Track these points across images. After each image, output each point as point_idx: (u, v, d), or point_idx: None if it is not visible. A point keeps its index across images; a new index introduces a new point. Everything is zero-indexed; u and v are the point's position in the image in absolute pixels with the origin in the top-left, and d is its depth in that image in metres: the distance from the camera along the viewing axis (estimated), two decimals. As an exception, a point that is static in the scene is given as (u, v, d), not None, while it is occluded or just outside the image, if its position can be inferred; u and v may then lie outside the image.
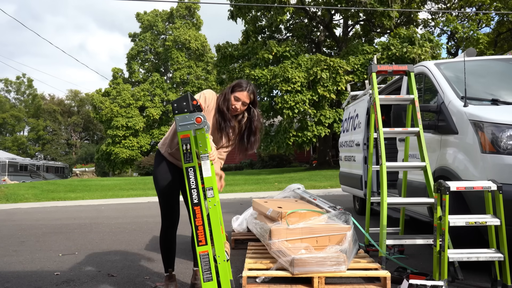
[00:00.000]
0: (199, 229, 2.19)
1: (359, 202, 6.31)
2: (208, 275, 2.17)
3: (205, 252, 2.18)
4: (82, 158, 47.26)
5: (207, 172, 2.21)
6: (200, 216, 2.19)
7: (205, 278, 2.17)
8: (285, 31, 20.99)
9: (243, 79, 2.82)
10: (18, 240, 5.21)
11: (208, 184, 2.21)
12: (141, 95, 32.95)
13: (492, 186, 2.61)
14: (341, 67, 15.80)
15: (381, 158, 3.21)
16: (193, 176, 2.21)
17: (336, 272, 2.71)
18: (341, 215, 3.26)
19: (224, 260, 2.20)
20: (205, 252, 2.18)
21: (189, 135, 2.21)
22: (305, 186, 4.95)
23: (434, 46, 16.51)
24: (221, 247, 2.20)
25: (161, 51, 36.95)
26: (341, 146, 6.90)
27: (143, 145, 32.35)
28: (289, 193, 4.35)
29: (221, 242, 2.21)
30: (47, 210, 8.92)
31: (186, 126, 2.21)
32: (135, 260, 3.89)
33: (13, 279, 3.38)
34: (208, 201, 2.22)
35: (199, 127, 2.20)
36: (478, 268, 3.07)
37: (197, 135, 2.22)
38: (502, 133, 2.84)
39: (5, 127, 52.14)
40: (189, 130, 2.21)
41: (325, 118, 16.23)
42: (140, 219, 6.77)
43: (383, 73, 3.55)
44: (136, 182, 17.09)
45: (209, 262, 2.18)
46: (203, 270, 2.16)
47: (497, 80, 3.80)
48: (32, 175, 30.87)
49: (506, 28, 21.56)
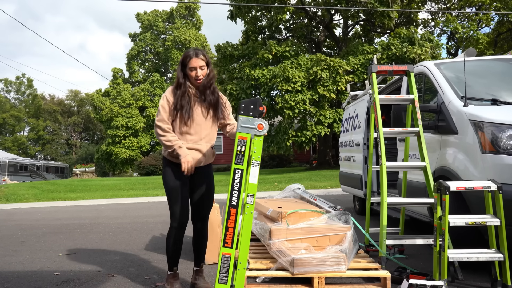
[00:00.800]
0: (229, 231, 2.21)
1: (359, 202, 6.31)
2: (224, 278, 2.18)
3: (228, 255, 2.20)
4: (82, 158, 47.28)
5: (253, 178, 2.26)
6: (234, 218, 2.22)
7: (220, 280, 2.18)
8: (285, 31, 21.00)
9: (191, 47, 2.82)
10: (18, 240, 5.21)
11: (251, 191, 2.25)
12: (141, 95, 32.96)
13: (492, 186, 2.61)
14: (341, 67, 15.80)
15: (381, 158, 3.21)
16: (239, 179, 2.25)
17: (336, 272, 2.71)
18: (341, 215, 3.26)
19: (244, 268, 2.20)
20: (228, 255, 2.20)
21: (247, 138, 2.27)
22: (305, 186, 4.95)
23: (434, 46, 16.52)
24: (245, 255, 2.22)
25: (161, 51, 36.96)
26: (341, 146, 6.90)
27: (143, 145, 32.35)
28: (289, 193, 4.35)
29: (246, 250, 2.22)
30: (47, 210, 8.92)
31: (246, 129, 2.27)
32: (135, 260, 3.89)
33: (13, 279, 3.38)
34: (246, 207, 2.24)
35: (259, 133, 2.28)
36: (478, 268, 3.07)
37: (254, 141, 2.28)
38: (502, 133, 2.84)
39: (5, 127, 52.15)
40: (249, 134, 2.27)
41: (325, 118, 16.24)
42: (140, 219, 6.77)
43: (383, 73, 3.55)
44: (136, 182, 17.09)
45: (229, 265, 2.20)
46: (221, 271, 2.18)
47: (497, 80, 3.80)
48: (32, 175, 30.86)
49: (506, 28, 21.56)
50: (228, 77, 18.59)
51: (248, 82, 16.86)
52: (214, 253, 3.55)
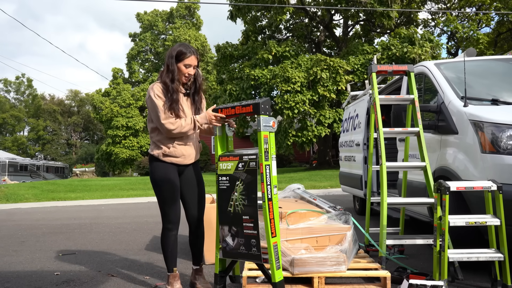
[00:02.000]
0: (272, 222, 2.39)
1: (359, 202, 6.31)
2: (278, 264, 2.39)
3: (276, 243, 2.39)
4: (82, 158, 47.27)
5: (274, 171, 2.45)
6: (272, 210, 2.40)
7: (277, 266, 2.38)
8: (285, 31, 21.00)
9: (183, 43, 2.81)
10: (18, 240, 5.21)
11: (275, 182, 2.43)
12: (141, 95, 32.95)
13: (492, 186, 2.61)
14: (341, 67, 15.80)
15: (381, 158, 3.21)
16: (269, 174, 2.40)
17: (336, 272, 2.71)
18: (341, 215, 3.26)
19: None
20: (275, 243, 2.38)
21: (268, 135, 2.44)
22: (305, 186, 4.95)
23: (434, 46, 16.52)
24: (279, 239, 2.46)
25: (161, 51, 36.96)
26: (341, 146, 6.90)
27: (143, 145, 32.36)
28: (289, 193, 4.35)
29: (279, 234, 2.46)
30: (47, 210, 8.92)
31: (267, 127, 2.44)
32: (135, 260, 3.89)
33: (13, 279, 3.38)
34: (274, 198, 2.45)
35: (273, 130, 2.49)
36: (478, 268, 3.07)
37: (270, 138, 2.46)
38: (502, 133, 2.84)
39: (5, 127, 52.15)
40: (268, 132, 2.45)
41: (325, 118, 16.23)
42: (140, 219, 6.77)
43: (383, 73, 3.55)
44: (136, 182, 17.09)
45: (278, 252, 2.39)
46: (275, 259, 2.36)
47: (497, 80, 3.79)
48: (32, 175, 30.85)
49: (506, 28, 21.56)
50: (228, 77, 18.59)
51: (248, 82, 16.86)
52: (214, 253, 3.54)
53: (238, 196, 2.50)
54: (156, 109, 2.64)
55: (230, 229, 2.54)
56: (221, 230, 2.60)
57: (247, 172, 2.46)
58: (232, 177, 2.53)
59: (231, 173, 2.54)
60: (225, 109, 2.65)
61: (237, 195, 2.50)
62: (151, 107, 2.68)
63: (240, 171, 2.50)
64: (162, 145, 2.72)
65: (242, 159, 2.50)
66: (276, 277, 2.36)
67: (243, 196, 2.47)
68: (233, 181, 2.52)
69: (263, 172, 2.37)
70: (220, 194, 2.59)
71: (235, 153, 2.59)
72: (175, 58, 2.69)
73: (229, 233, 2.55)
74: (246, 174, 2.47)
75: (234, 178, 2.52)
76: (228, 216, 2.55)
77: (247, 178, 2.46)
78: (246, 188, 2.46)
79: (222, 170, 2.59)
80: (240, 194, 2.49)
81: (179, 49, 2.71)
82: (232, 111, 2.60)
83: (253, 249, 2.45)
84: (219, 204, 2.61)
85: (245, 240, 2.47)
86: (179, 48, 2.72)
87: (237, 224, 2.50)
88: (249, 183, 2.45)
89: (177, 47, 2.73)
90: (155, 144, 2.76)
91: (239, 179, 2.49)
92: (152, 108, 2.67)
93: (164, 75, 2.70)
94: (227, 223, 2.55)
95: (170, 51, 2.72)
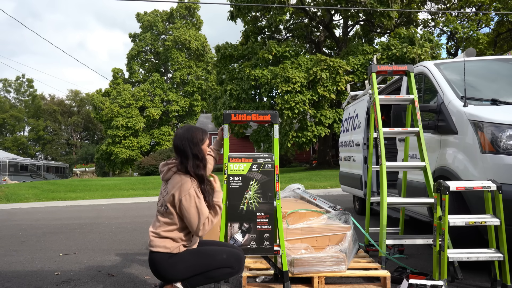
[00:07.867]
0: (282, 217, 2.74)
1: (359, 202, 6.31)
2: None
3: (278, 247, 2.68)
4: (82, 158, 47.29)
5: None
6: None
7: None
8: (285, 31, 20.99)
9: (189, 125, 2.49)
10: (19, 240, 5.21)
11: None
12: (141, 95, 33.00)
13: (492, 186, 2.62)
14: (341, 67, 15.80)
15: (381, 158, 3.21)
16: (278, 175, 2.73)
17: (336, 272, 2.71)
18: (341, 215, 3.27)
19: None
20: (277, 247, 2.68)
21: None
22: (305, 186, 4.95)
23: (434, 46, 16.52)
24: (283, 241, 2.67)
25: (161, 51, 36.98)
26: (341, 146, 6.91)
27: (143, 145, 32.39)
28: (289, 193, 4.36)
29: (282, 237, 2.67)
30: (47, 210, 8.92)
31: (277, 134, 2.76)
32: (135, 260, 3.90)
33: (13, 278, 3.38)
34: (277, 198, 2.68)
35: (277, 136, 2.81)
36: (478, 268, 3.07)
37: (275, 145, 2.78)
38: (502, 133, 2.85)
39: (5, 127, 52.16)
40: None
41: (325, 118, 16.23)
42: (140, 219, 6.77)
43: (383, 73, 3.55)
44: (136, 182, 17.09)
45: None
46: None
47: (497, 80, 3.80)
48: (33, 175, 30.85)
49: (505, 28, 21.55)
50: (228, 78, 18.59)
51: (248, 82, 16.86)
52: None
53: (253, 194, 2.64)
54: (198, 213, 2.31)
55: (241, 225, 2.63)
56: (230, 228, 2.64)
57: (262, 173, 2.67)
58: (246, 177, 2.68)
59: (244, 174, 2.67)
60: (240, 115, 2.82)
61: (252, 194, 2.64)
62: (191, 210, 2.30)
63: (254, 171, 2.68)
64: (181, 239, 2.39)
65: (256, 161, 2.70)
66: (286, 266, 2.64)
67: (258, 194, 2.64)
68: (247, 181, 2.67)
69: (278, 174, 2.67)
70: (231, 193, 2.66)
71: (247, 155, 2.73)
72: (201, 142, 2.44)
73: (239, 229, 2.63)
74: (261, 174, 2.67)
75: (248, 178, 2.67)
76: (239, 213, 2.64)
77: (262, 178, 2.67)
78: (261, 187, 2.66)
79: (233, 170, 2.69)
80: (254, 193, 2.64)
81: (200, 133, 2.46)
82: (248, 118, 2.81)
83: (265, 242, 2.61)
84: (229, 203, 2.65)
85: (257, 235, 2.61)
86: (197, 132, 2.45)
87: (250, 220, 2.63)
88: (264, 182, 2.67)
89: (194, 133, 2.45)
90: (169, 239, 2.38)
91: (254, 179, 2.66)
92: (194, 212, 2.30)
93: (193, 166, 2.37)
94: (238, 220, 2.64)
95: (190, 138, 2.42)
